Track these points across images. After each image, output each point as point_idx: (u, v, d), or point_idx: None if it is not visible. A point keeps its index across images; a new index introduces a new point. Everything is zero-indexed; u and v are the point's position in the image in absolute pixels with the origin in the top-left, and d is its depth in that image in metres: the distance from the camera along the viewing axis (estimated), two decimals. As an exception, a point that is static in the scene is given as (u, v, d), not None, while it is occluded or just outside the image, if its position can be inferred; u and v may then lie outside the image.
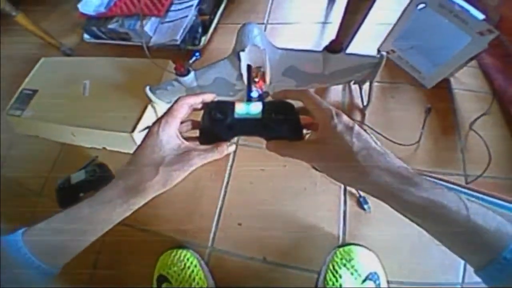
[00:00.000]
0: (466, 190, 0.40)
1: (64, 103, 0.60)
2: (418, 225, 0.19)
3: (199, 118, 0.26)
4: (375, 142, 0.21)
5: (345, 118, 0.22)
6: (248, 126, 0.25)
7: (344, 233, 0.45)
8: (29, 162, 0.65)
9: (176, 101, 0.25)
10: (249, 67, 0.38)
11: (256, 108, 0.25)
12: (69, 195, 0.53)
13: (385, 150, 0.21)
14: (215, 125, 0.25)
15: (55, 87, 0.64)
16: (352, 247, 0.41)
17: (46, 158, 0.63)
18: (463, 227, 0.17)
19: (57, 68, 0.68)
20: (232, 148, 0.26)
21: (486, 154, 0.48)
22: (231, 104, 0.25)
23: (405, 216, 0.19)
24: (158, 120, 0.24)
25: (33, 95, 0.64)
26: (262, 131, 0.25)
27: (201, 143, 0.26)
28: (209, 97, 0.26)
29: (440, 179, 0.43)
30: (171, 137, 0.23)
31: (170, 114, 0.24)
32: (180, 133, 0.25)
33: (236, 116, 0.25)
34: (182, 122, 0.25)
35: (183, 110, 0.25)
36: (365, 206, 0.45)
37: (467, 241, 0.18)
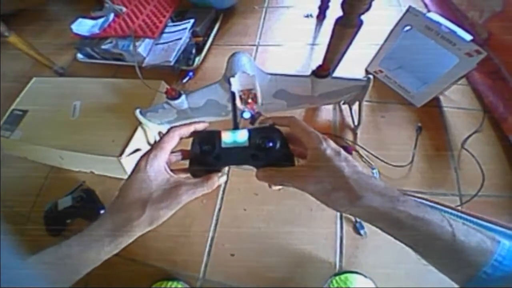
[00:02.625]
0: (448, 209, 0.40)
1: (52, 125, 0.59)
2: (405, 243, 0.20)
3: (189, 147, 0.26)
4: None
5: (332, 143, 0.22)
6: (236, 155, 0.24)
7: (340, 260, 0.43)
8: (16, 185, 0.63)
9: (167, 132, 0.25)
10: (233, 94, 0.38)
11: (242, 136, 0.24)
12: (56, 221, 0.52)
13: (369, 173, 0.21)
14: (203, 157, 0.24)
15: (45, 108, 0.63)
16: (348, 275, 0.40)
17: (34, 181, 0.61)
18: (447, 243, 0.18)
19: (48, 88, 0.68)
20: (223, 179, 0.25)
21: (479, 172, 0.48)
22: (217, 134, 0.25)
23: (394, 237, 0.20)
24: (146, 154, 0.23)
25: (23, 115, 0.63)
26: (251, 160, 0.24)
27: (192, 174, 0.25)
28: (200, 126, 0.26)
29: (425, 199, 0.43)
30: (159, 171, 0.23)
31: (159, 147, 0.24)
32: (169, 165, 0.24)
33: (223, 145, 0.24)
34: (172, 152, 0.25)
35: (173, 142, 0.24)
36: (361, 231, 0.44)
37: (451, 256, 0.18)
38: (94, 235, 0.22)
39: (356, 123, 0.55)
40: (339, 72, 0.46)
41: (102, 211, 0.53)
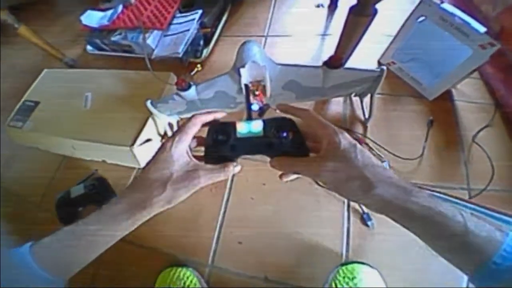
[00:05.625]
0: (459, 201, 0.40)
1: (65, 115, 0.60)
2: (416, 234, 0.20)
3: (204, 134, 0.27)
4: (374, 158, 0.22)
5: (348, 136, 0.23)
6: (251, 145, 0.25)
7: (347, 251, 0.44)
8: (29, 174, 0.64)
9: (190, 119, 0.26)
10: (246, 86, 0.39)
11: (257, 126, 0.25)
12: (68, 209, 0.53)
13: (383, 165, 0.22)
14: (218, 147, 0.25)
15: (57, 99, 0.64)
16: (355, 265, 0.41)
17: (46, 170, 0.63)
18: (459, 233, 0.18)
19: (59, 80, 0.69)
20: (237, 168, 0.26)
21: (489, 167, 0.47)
22: (232, 125, 0.25)
23: (405, 227, 0.20)
24: (172, 137, 0.25)
25: (34, 107, 0.65)
26: (266, 149, 0.25)
27: (207, 163, 0.26)
28: (220, 115, 0.27)
29: (436, 191, 0.43)
30: (181, 154, 0.24)
31: (184, 132, 0.25)
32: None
33: (238, 136, 0.25)
34: None
35: (195, 128, 0.26)
36: (369, 223, 0.44)
37: (461, 247, 0.18)
38: (112, 212, 0.23)
39: (367, 116, 0.55)
40: (351, 64, 0.46)
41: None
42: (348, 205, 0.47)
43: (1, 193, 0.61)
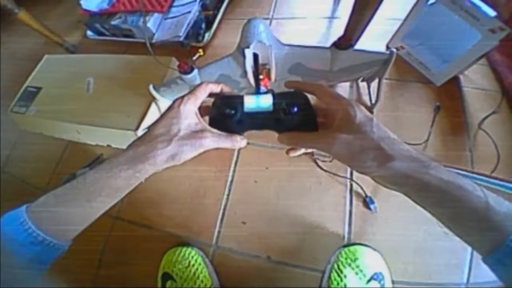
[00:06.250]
0: (476, 176, 0.40)
1: (68, 100, 0.60)
2: (432, 211, 0.19)
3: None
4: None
5: (363, 108, 0.22)
6: (259, 120, 0.24)
7: (349, 233, 0.45)
8: (34, 159, 0.65)
9: (199, 85, 0.25)
10: (255, 56, 0.37)
11: (266, 100, 0.24)
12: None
13: (400, 140, 0.21)
14: (224, 120, 0.24)
15: (59, 84, 0.64)
16: (357, 247, 0.41)
17: (51, 155, 0.63)
18: (480, 208, 0.17)
19: (60, 65, 0.68)
20: (244, 142, 0.25)
21: (494, 153, 0.47)
22: (240, 98, 0.24)
23: (420, 203, 0.20)
24: (181, 97, 0.24)
25: (37, 92, 0.64)
26: (274, 124, 0.24)
27: None
28: (228, 89, 0.27)
29: (452, 167, 0.42)
30: (190, 114, 0.24)
31: (193, 94, 0.24)
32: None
33: (246, 110, 0.24)
34: None
35: (204, 93, 0.25)
36: (371, 206, 0.45)
37: (479, 223, 0.18)
38: (113, 162, 0.22)
39: (373, 101, 0.54)
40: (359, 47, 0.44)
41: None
42: (351, 188, 0.47)
43: (7, 180, 0.62)
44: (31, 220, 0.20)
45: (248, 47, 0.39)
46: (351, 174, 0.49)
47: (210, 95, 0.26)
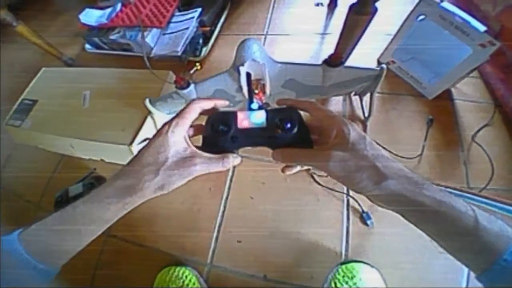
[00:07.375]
0: (468, 195, 0.40)
1: (63, 114, 0.60)
2: (426, 230, 0.20)
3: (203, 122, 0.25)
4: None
5: (357, 127, 0.22)
6: (253, 137, 0.23)
7: (346, 250, 0.44)
8: (27, 173, 0.64)
9: (188, 104, 0.24)
10: (248, 75, 0.37)
11: (260, 117, 0.24)
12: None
13: (392, 158, 0.21)
14: (218, 137, 0.24)
15: (55, 98, 0.64)
16: (354, 264, 0.40)
17: (45, 169, 0.63)
18: (471, 228, 0.18)
19: (57, 79, 0.69)
20: (237, 160, 0.24)
21: (489, 166, 0.47)
22: (234, 114, 0.24)
23: (414, 222, 0.20)
24: (169, 121, 0.23)
25: (33, 105, 0.64)
26: (268, 141, 0.23)
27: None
28: (221, 103, 0.26)
29: (444, 186, 0.43)
30: (178, 139, 0.23)
31: (182, 117, 0.24)
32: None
33: (239, 126, 0.24)
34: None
35: (194, 114, 0.24)
36: (368, 222, 0.44)
37: (471, 242, 0.18)
38: (101, 195, 0.22)
39: (366, 115, 0.54)
40: (351, 63, 0.45)
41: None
42: (348, 204, 0.47)
43: (1, 192, 0.61)
44: (23, 248, 0.21)
45: (242, 65, 0.40)
46: (348, 189, 0.48)
47: (203, 112, 0.25)
